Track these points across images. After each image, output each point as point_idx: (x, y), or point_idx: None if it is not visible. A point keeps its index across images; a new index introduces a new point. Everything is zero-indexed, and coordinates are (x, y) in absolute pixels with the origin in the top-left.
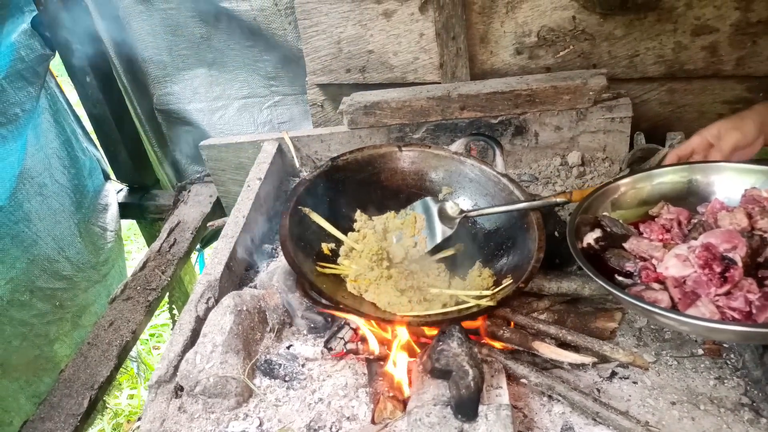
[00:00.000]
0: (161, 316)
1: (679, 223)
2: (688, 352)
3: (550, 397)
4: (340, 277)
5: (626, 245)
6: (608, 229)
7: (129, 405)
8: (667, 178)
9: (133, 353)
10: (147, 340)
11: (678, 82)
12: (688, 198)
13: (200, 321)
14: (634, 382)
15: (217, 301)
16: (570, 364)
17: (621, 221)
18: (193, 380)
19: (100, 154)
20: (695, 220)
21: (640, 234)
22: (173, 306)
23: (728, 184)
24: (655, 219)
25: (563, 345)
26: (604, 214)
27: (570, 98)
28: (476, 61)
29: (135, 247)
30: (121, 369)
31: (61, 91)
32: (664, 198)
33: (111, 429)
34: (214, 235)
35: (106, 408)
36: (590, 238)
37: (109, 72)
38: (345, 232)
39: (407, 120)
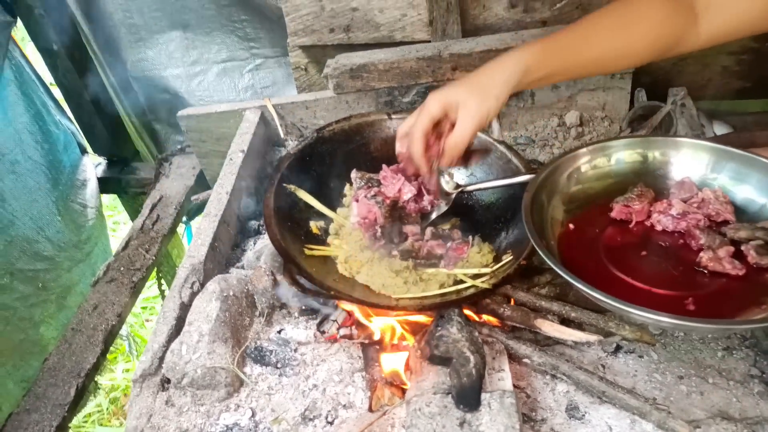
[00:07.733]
0: (153, 288)
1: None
2: None
3: (553, 375)
4: (332, 258)
5: None
6: None
7: (125, 379)
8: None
9: (123, 332)
10: (139, 313)
11: None
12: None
13: (185, 307)
14: (640, 356)
15: (202, 285)
16: (574, 341)
17: None
18: (179, 372)
19: (75, 127)
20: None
21: None
22: (161, 281)
23: (684, 162)
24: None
25: (566, 321)
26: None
27: None
28: (468, 17)
29: (122, 218)
30: (111, 348)
31: (27, 61)
32: (623, 174)
33: (108, 403)
34: (200, 206)
35: (98, 389)
36: None
37: (77, 38)
38: (335, 209)
39: (396, 83)
